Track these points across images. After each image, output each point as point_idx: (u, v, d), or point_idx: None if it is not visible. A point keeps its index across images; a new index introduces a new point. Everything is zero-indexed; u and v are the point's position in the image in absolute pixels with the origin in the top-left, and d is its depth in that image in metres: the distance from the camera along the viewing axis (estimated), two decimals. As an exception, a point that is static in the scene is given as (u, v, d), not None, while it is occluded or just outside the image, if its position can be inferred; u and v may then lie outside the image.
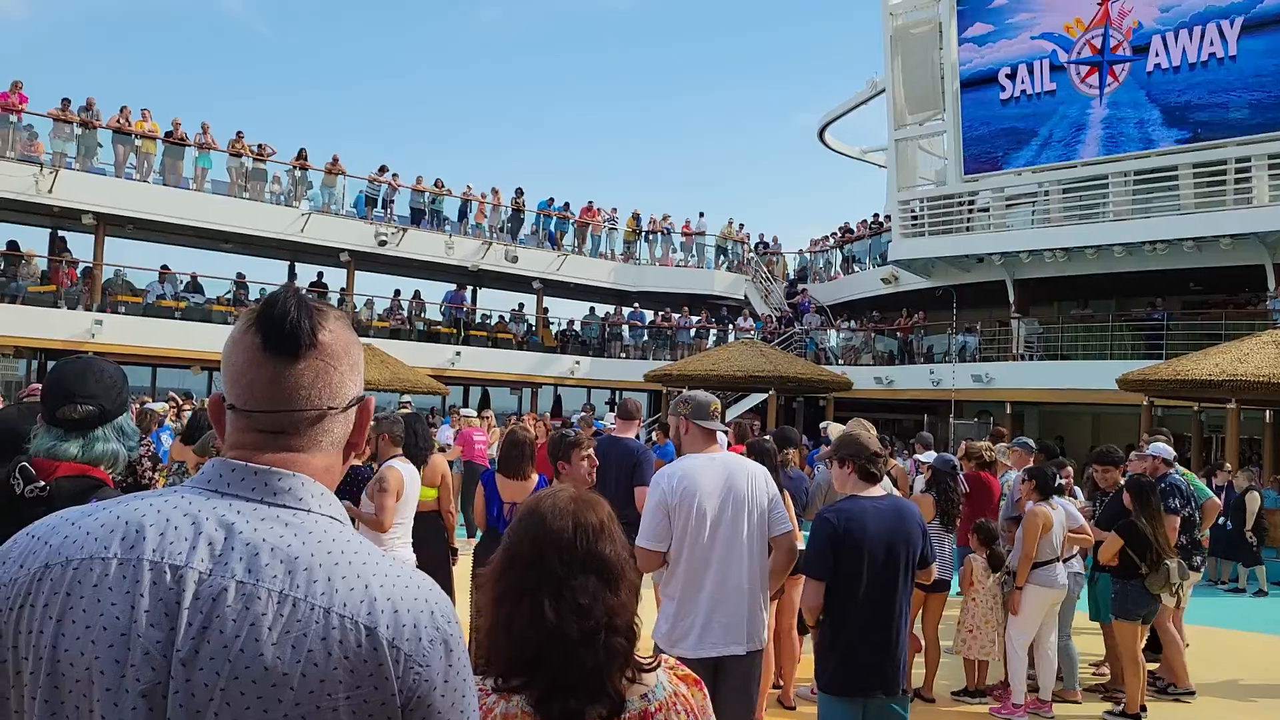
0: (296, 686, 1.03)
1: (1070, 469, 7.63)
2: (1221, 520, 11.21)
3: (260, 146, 22.82)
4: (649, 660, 1.73)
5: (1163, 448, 7.91)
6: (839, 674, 3.87)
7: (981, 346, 22.83)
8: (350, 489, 5.61)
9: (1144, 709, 6.39)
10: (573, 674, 1.62)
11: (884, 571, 3.82)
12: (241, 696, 1.02)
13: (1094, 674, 7.44)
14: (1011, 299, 22.68)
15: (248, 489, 1.14)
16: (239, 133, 22.56)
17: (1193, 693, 6.98)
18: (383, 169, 24.83)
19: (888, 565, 3.82)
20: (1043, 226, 21.38)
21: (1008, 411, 21.34)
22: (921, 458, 8.58)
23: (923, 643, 6.77)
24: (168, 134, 21.48)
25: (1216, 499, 8.39)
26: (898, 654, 3.88)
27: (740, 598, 3.80)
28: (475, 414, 15.10)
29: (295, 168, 23.39)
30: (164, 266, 22.53)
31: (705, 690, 1.80)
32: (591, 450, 5.01)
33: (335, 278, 24.90)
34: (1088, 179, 20.79)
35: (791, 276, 30.64)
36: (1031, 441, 8.76)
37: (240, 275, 23.44)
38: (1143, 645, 6.74)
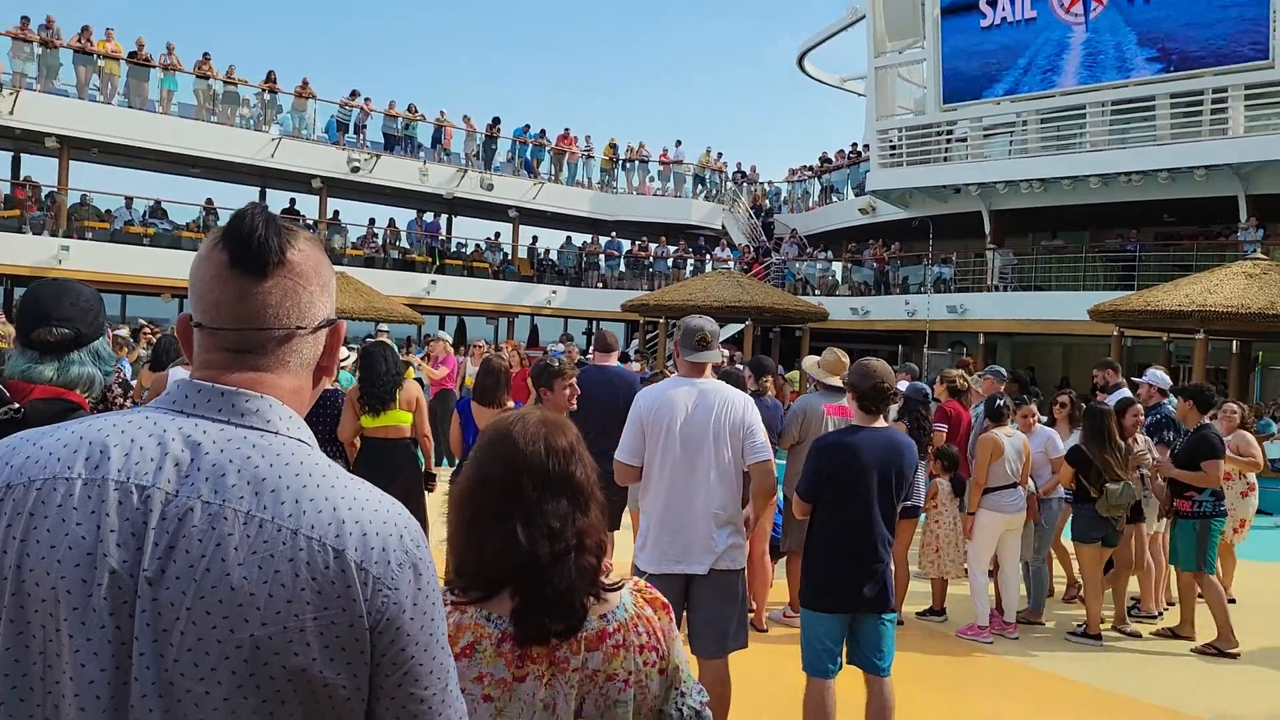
0: (263, 607, 1.02)
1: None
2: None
3: (229, 70, 22.25)
4: (614, 581, 1.76)
5: (1160, 375, 7.91)
6: (824, 591, 4.06)
7: (957, 277, 22.90)
8: (323, 413, 5.61)
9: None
10: (544, 594, 1.64)
11: (871, 497, 3.99)
12: (208, 616, 1.02)
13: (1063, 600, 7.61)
14: (987, 230, 22.70)
15: (214, 410, 1.12)
16: (205, 54, 21.97)
17: (1155, 616, 7.13)
18: (354, 94, 24.30)
19: (874, 490, 4.00)
20: (1020, 157, 21.33)
21: (980, 342, 21.50)
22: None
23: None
24: (131, 55, 20.86)
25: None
26: (883, 574, 4.05)
27: (706, 519, 3.90)
28: (450, 340, 15.32)
29: (264, 91, 22.85)
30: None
31: (672, 615, 1.83)
32: (574, 380, 5.10)
33: (308, 205, 24.57)
34: (1065, 109, 20.68)
35: (769, 206, 30.46)
36: (1003, 370, 8.83)
37: (209, 201, 23.05)
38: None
